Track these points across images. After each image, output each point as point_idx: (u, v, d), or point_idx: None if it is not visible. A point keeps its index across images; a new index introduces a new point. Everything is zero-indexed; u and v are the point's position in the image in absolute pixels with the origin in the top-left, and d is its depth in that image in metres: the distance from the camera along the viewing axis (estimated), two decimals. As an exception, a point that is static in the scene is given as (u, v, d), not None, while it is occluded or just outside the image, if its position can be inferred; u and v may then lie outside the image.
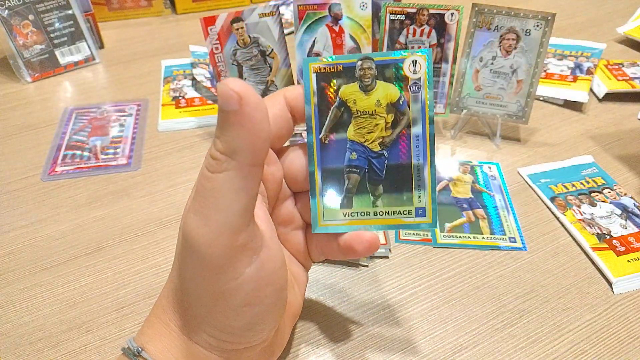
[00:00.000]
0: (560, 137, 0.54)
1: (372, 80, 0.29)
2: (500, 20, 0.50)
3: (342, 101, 0.29)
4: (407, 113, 0.29)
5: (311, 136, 0.29)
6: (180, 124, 0.57)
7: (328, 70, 0.29)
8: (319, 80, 0.29)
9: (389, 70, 0.29)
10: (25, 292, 0.39)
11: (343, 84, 0.29)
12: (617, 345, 0.35)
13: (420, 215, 0.30)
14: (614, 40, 0.72)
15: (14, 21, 0.63)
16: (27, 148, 0.54)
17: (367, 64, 0.29)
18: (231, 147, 0.22)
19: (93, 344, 0.36)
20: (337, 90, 0.29)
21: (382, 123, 0.29)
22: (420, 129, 0.29)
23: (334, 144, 0.29)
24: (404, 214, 0.30)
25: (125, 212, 0.46)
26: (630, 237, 0.42)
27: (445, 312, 0.37)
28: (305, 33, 0.52)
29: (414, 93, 0.29)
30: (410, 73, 0.29)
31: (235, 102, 0.22)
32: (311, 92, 0.29)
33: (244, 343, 0.27)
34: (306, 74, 0.29)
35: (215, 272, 0.24)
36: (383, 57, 0.29)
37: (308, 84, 0.29)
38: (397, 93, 0.29)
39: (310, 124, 0.29)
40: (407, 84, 0.29)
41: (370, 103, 0.29)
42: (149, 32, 0.77)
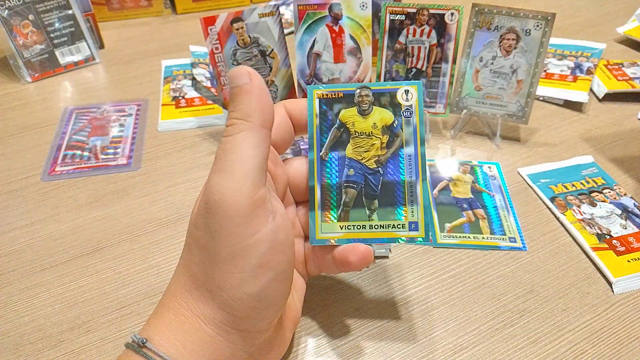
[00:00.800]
0: (560, 137, 0.54)
1: (369, 105, 0.32)
2: (500, 20, 0.50)
3: (342, 123, 0.32)
4: (400, 135, 0.32)
5: (312, 153, 0.32)
6: (180, 124, 0.57)
7: (330, 96, 0.32)
8: (322, 104, 0.32)
9: (385, 97, 0.32)
10: (25, 292, 0.39)
11: (343, 108, 0.32)
12: (617, 345, 0.35)
13: (414, 229, 0.32)
14: (614, 40, 0.72)
15: (14, 21, 0.63)
16: (27, 148, 0.54)
17: (364, 91, 0.32)
18: (245, 112, 0.27)
19: (93, 344, 0.36)
20: (337, 114, 0.32)
21: (378, 143, 0.32)
22: (412, 150, 0.32)
23: (333, 161, 0.32)
24: (397, 228, 0.32)
25: (125, 212, 0.46)
26: (630, 237, 0.42)
27: (445, 312, 0.37)
28: (305, 33, 0.52)
29: (407, 118, 0.32)
30: (403, 100, 0.32)
31: (246, 76, 0.27)
32: (314, 115, 0.32)
33: (251, 319, 0.27)
34: (310, 99, 0.32)
35: (237, 223, 0.26)
36: (379, 87, 0.32)
37: (312, 108, 0.32)
38: (391, 117, 0.32)
39: (312, 142, 0.32)
40: (401, 110, 0.32)
41: (367, 125, 0.32)
42: (149, 32, 0.77)
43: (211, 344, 0.27)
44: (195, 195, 0.48)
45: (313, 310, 0.38)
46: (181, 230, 0.44)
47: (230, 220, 0.26)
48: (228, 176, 0.26)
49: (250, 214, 0.26)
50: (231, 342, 0.27)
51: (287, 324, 0.32)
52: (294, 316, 0.33)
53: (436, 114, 0.53)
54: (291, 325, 0.33)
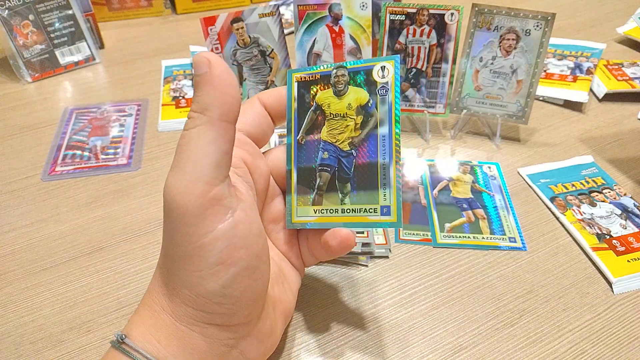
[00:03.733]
0: (560, 137, 0.55)
1: (344, 85, 0.32)
2: (500, 21, 0.50)
3: (318, 105, 0.32)
4: (374, 114, 0.31)
5: (290, 137, 0.32)
6: (180, 124, 0.57)
7: (308, 79, 0.32)
8: (300, 87, 0.32)
9: (360, 76, 0.31)
10: (25, 292, 0.39)
11: (319, 90, 0.32)
12: (617, 345, 0.35)
13: (386, 214, 0.31)
14: (614, 40, 0.72)
15: (14, 21, 0.63)
16: (27, 148, 0.54)
17: (340, 71, 0.32)
18: (202, 104, 0.25)
19: (93, 344, 0.36)
20: (314, 96, 0.32)
21: (352, 124, 0.31)
22: (386, 129, 0.31)
23: (309, 145, 0.32)
24: (370, 212, 0.31)
25: (125, 212, 0.46)
26: (630, 237, 0.42)
27: (445, 312, 0.37)
28: (305, 33, 0.52)
29: (382, 96, 0.31)
30: (379, 78, 0.31)
31: (205, 65, 0.25)
32: (292, 99, 0.32)
33: (221, 314, 0.27)
34: (289, 83, 0.32)
35: (189, 223, 0.25)
36: (356, 65, 0.32)
37: (290, 92, 0.32)
38: (366, 96, 0.31)
39: (290, 126, 0.32)
40: (376, 88, 0.31)
41: (342, 106, 0.32)
42: (149, 32, 0.77)
43: (185, 339, 0.27)
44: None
45: (312, 310, 0.38)
46: (181, 230, 0.44)
47: (182, 220, 0.25)
48: (180, 175, 0.25)
49: (203, 213, 0.25)
50: (207, 336, 0.27)
51: (277, 317, 0.32)
52: (285, 308, 0.33)
53: (436, 114, 0.53)
54: (282, 318, 0.32)
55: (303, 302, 0.38)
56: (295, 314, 0.37)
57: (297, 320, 0.37)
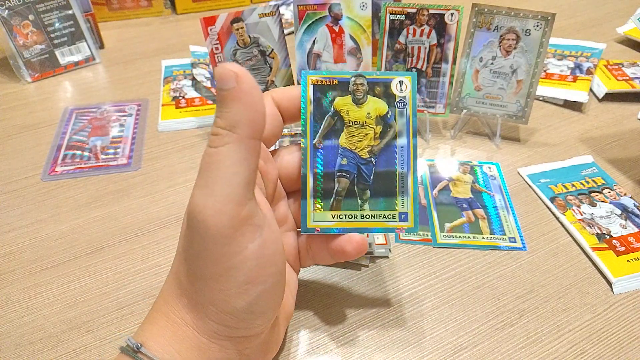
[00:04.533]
0: (560, 137, 0.54)
1: (363, 94, 0.32)
2: (500, 21, 0.50)
3: (336, 111, 0.32)
4: (393, 126, 0.32)
5: (306, 140, 0.32)
6: (180, 124, 0.57)
7: (324, 83, 0.32)
8: (316, 91, 0.32)
9: (379, 87, 0.32)
10: (25, 292, 0.39)
11: (337, 96, 0.32)
12: (616, 345, 0.35)
13: (403, 220, 0.33)
14: (614, 40, 0.72)
15: (14, 21, 0.63)
16: (27, 148, 0.54)
17: (359, 80, 0.32)
18: (231, 121, 0.24)
19: (93, 344, 0.36)
20: (332, 101, 0.32)
21: (372, 133, 0.32)
22: (405, 141, 0.32)
23: (327, 150, 0.32)
24: (388, 218, 0.32)
25: (125, 212, 0.46)
26: (630, 237, 0.42)
27: (445, 312, 0.37)
28: (305, 33, 0.52)
29: (400, 109, 0.32)
30: (397, 91, 0.32)
31: (233, 80, 0.24)
32: (308, 101, 0.32)
33: (244, 328, 0.27)
34: (304, 84, 0.32)
35: (221, 244, 0.25)
36: (374, 77, 0.32)
37: (305, 94, 0.32)
38: (385, 107, 0.32)
39: (305, 129, 0.32)
40: (395, 101, 0.32)
41: (362, 115, 0.32)
42: (149, 32, 0.77)
43: (206, 351, 0.27)
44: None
45: (312, 311, 0.38)
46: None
47: (213, 241, 0.24)
48: (210, 195, 0.24)
49: (234, 234, 0.24)
50: (226, 347, 0.27)
51: (281, 321, 0.32)
52: (287, 312, 0.33)
53: (436, 114, 0.53)
54: (285, 322, 0.33)
55: (303, 302, 0.38)
56: (296, 313, 0.37)
57: (297, 321, 0.37)
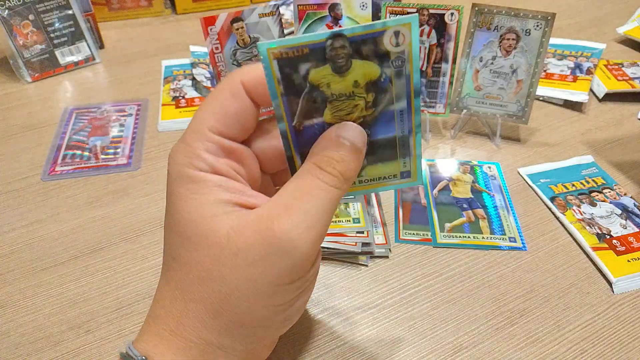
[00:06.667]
0: (560, 137, 0.54)
1: (346, 60, 0.25)
2: (500, 20, 0.50)
3: (313, 86, 0.26)
4: (389, 90, 0.26)
5: (283, 124, 0.27)
6: (180, 124, 0.57)
7: (291, 54, 0.25)
8: (282, 67, 0.25)
9: (367, 46, 0.25)
10: (25, 291, 0.39)
11: (312, 68, 0.25)
12: (617, 345, 0.35)
13: (405, 176, 0.29)
14: (614, 40, 0.72)
15: (14, 21, 0.63)
16: (27, 148, 0.54)
17: (338, 42, 0.25)
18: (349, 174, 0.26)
19: (93, 344, 0.36)
20: (305, 76, 0.25)
21: (362, 103, 0.27)
22: (404, 104, 0.27)
23: (310, 129, 0.27)
24: (389, 179, 0.29)
25: (125, 212, 0.46)
26: (630, 236, 0.42)
27: (446, 311, 0.37)
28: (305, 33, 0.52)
29: (397, 68, 0.25)
30: (392, 47, 0.25)
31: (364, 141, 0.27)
32: (275, 82, 0.25)
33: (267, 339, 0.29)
34: (266, 62, 0.25)
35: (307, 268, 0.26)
36: (358, 32, 0.24)
37: (270, 73, 0.25)
38: (377, 71, 0.26)
39: (280, 112, 0.26)
40: (389, 59, 0.25)
41: (347, 85, 0.26)
42: (149, 32, 0.77)
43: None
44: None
45: (311, 310, 0.38)
46: (181, 230, 0.44)
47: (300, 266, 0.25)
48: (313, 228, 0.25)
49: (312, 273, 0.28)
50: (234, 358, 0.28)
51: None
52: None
53: (436, 113, 0.53)
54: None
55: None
56: (295, 313, 0.37)
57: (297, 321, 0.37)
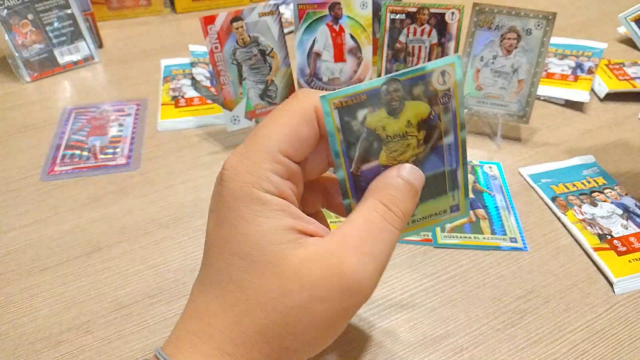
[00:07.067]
0: (561, 136, 0.54)
1: (400, 102, 0.27)
2: (501, 20, 0.49)
3: (371, 131, 0.27)
4: (438, 126, 0.28)
5: (341, 171, 0.28)
6: (179, 124, 0.57)
7: (350, 102, 0.26)
8: (342, 115, 0.26)
9: (418, 88, 0.27)
10: (24, 292, 0.39)
11: (369, 114, 0.27)
12: (618, 346, 0.35)
13: (454, 210, 0.30)
14: (615, 40, 0.72)
15: (13, 21, 0.63)
16: (26, 148, 0.54)
17: (393, 86, 0.26)
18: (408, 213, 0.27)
19: (92, 344, 0.36)
20: (362, 122, 0.27)
21: (414, 141, 0.28)
22: (452, 138, 0.28)
23: (367, 173, 0.28)
24: (439, 215, 0.30)
25: (124, 212, 0.46)
26: (631, 237, 0.42)
27: (446, 312, 0.37)
28: (305, 32, 0.52)
29: (444, 104, 0.27)
30: (440, 85, 0.27)
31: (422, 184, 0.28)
32: (335, 130, 0.27)
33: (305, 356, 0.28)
34: (327, 112, 0.26)
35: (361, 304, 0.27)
36: (409, 75, 0.26)
37: (330, 122, 0.26)
38: (427, 109, 0.27)
39: (339, 161, 0.27)
40: (437, 97, 0.27)
41: (401, 126, 0.27)
42: (148, 31, 0.77)
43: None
44: (195, 194, 0.48)
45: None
46: (180, 231, 0.44)
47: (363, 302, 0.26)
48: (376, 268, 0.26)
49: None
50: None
51: None
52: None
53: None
54: None
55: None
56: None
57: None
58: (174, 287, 0.39)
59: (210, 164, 0.51)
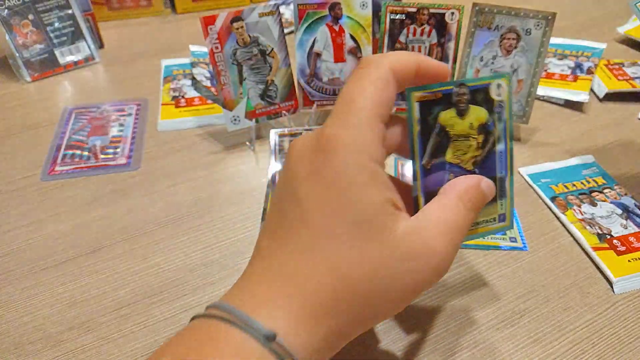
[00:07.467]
0: (560, 136, 0.54)
1: (466, 104, 0.31)
2: (500, 20, 0.50)
3: (442, 127, 0.30)
4: (494, 133, 0.31)
5: (415, 163, 0.30)
6: (180, 124, 0.57)
7: (429, 97, 0.30)
8: (422, 108, 0.30)
9: (479, 94, 0.30)
10: (24, 291, 0.39)
11: (441, 111, 0.30)
12: (617, 345, 0.35)
13: (502, 220, 0.33)
14: (615, 40, 0.72)
15: (14, 21, 0.63)
16: (27, 148, 0.54)
17: (462, 89, 0.30)
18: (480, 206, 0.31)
19: (93, 344, 0.36)
20: (435, 117, 0.30)
21: (475, 143, 0.31)
22: (503, 146, 0.32)
23: (435, 168, 0.31)
24: (489, 222, 0.33)
25: (124, 211, 0.46)
26: (630, 236, 0.42)
27: (446, 311, 0.37)
28: (305, 32, 0.52)
29: (498, 113, 0.31)
30: (496, 96, 0.31)
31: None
32: (414, 120, 0.29)
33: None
34: (409, 103, 0.29)
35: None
36: (474, 83, 0.31)
37: (411, 113, 0.29)
38: (486, 115, 0.31)
39: (413, 151, 0.30)
40: (493, 106, 0.31)
41: (465, 126, 0.31)
42: (148, 31, 0.77)
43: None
44: (195, 194, 0.48)
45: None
46: (180, 230, 0.44)
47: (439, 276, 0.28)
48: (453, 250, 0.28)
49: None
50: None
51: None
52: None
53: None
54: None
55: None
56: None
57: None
58: (174, 287, 0.39)
59: (211, 163, 0.52)
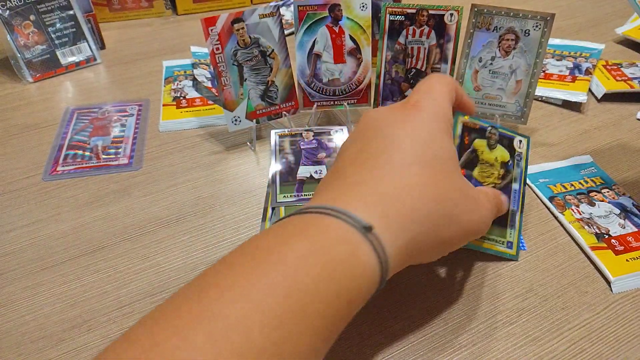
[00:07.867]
0: (559, 137, 0.55)
1: (495, 142, 0.40)
2: (499, 21, 0.50)
3: (474, 149, 0.39)
4: (512, 172, 0.41)
5: None
6: (181, 124, 0.57)
7: (470, 125, 0.39)
8: (463, 130, 0.39)
9: (505, 140, 0.41)
10: (26, 291, 0.40)
11: (477, 138, 0.39)
12: (615, 344, 0.35)
13: (508, 247, 0.41)
14: (613, 40, 0.72)
15: (15, 21, 0.63)
16: (29, 148, 0.55)
17: (494, 131, 0.40)
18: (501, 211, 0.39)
19: (94, 343, 0.36)
20: (472, 140, 0.39)
21: (497, 173, 0.40)
22: (518, 186, 0.41)
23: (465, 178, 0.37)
24: (498, 242, 0.40)
25: (126, 211, 0.46)
26: (628, 236, 0.42)
27: (444, 310, 0.38)
28: (306, 34, 0.52)
29: (517, 161, 0.41)
30: (517, 147, 0.41)
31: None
32: (456, 136, 0.38)
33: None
34: (455, 122, 0.38)
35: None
36: (504, 130, 0.41)
37: (455, 130, 0.38)
38: (508, 156, 0.41)
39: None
40: (514, 154, 0.41)
41: (492, 157, 0.40)
42: (150, 32, 0.77)
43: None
44: (196, 194, 0.48)
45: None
46: (182, 230, 0.44)
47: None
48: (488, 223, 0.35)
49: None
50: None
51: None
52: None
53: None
54: None
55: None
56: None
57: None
58: (175, 286, 0.40)
59: (212, 164, 0.52)
